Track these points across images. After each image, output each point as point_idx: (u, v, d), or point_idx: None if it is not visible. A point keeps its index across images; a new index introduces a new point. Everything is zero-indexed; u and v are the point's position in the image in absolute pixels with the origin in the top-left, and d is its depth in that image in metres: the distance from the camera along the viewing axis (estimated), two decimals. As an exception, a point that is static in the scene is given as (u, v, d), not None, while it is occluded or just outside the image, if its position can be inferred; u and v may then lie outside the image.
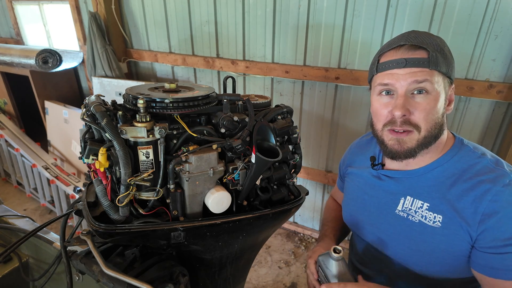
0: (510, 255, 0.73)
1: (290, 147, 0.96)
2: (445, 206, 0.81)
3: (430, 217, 0.83)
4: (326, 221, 1.19)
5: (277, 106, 0.97)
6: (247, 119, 0.85)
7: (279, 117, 0.94)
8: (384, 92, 0.83)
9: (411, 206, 0.87)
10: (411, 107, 0.79)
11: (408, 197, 0.88)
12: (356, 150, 1.13)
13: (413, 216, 0.86)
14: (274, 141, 0.87)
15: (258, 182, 0.88)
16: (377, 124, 0.87)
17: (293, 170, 0.98)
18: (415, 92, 0.79)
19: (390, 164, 0.94)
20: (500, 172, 0.78)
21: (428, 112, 0.79)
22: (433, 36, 0.82)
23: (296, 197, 0.97)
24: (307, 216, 2.97)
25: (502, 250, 0.74)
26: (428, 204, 0.84)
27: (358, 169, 1.05)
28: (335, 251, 0.81)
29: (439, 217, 0.81)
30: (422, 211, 0.85)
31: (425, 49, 0.78)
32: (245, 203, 0.91)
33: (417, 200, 0.86)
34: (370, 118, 0.92)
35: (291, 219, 3.07)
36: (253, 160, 0.79)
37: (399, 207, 0.90)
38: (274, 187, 0.95)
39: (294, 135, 0.94)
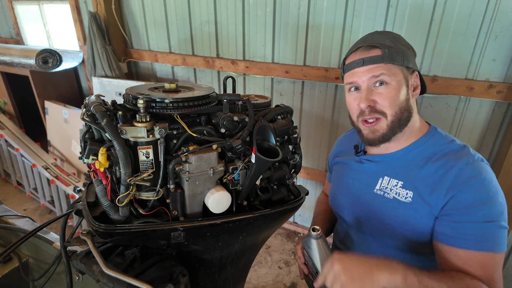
0: (464, 225, 0.82)
1: (290, 147, 0.96)
2: (417, 183, 0.91)
3: (402, 194, 0.92)
4: (316, 214, 1.28)
5: (277, 106, 0.97)
6: (247, 119, 0.85)
7: (279, 117, 0.94)
8: (352, 88, 0.95)
9: (387, 184, 0.97)
10: (375, 97, 0.90)
11: (386, 177, 0.98)
12: (342, 142, 1.24)
13: (388, 194, 0.96)
14: (274, 141, 0.87)
15: (258, 182, 0.88)
16: (353, 116, 0.99)
17: (293, 170, 0.99)
18: (377, 84, 0.90)
19: (371, 150, 1.04)
20: (465, 153, 0.89)
21: (391, 100, 0.89)
22: (388, 35, 0.93)
23: (296, 197, 0.97)
24: (307, 216, 2.97)
25: (457, 218, 0.83)
26: (402, 182, 0.94)
27: (344, 158, 1.15)
28: (313, 230, 0.86)
29: (411, 193, 0.91)
30: (397, 189, 0.94)
31: (378, 48, 0.89)
32: (245, 203, 0.91)
33: (393, 179, 0.96)
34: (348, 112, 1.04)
35: (291, 219, 3.07)
36: (253, 160, 0.80)
37: (377, 186, 0.99)
38: (274, 187, 0.95)
39: (294, 135, 0.94)
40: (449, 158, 0.88)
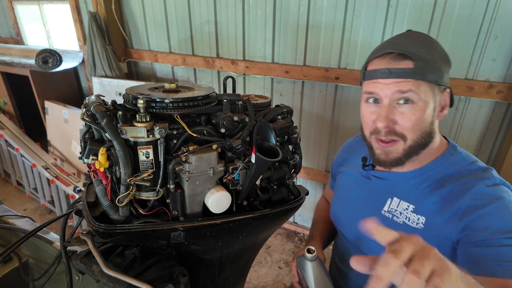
0: (498, 249, 0.69)
1: (290, 147, 0.96)
2: (429, 208, 0.81)
3: (413, 219, 0.83)
4: (315, 222, 1.20)
5: (277, 106, 0.97)
6: (247, 119, 0.85)
7: (279, 117, 0.94)
8: (371, 99, 0.84)
9: (397, 207, 0.87)
10: (396, 116, 0.79)
11: (395, 198, 0.88)
12: (349, 149, 1.13)
13: (397, 217, 0.86)
14: (274, 141, 0.87)
15: (258, 182, 0.87)
16: (365, 130, 0.88)
17: (293, 170, 0.98)
18: (401, 102, 0.78)
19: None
20: (486, 176, 0.78)
21: (414, 122, 0.78)
22: (425, 41, 0.80)
23: (296, 197, 0.97)
24: (307, 216, 2.97)
25: (483, 243, 0.70)
26: (414, 206, 0.84)
27: (349, 168, 1.06)
28: (308, 251, 0.81)
29: (422, 219, 0.81)
30: (407, 213, 0.84)
31: (410, 59, 0.76)
32: (245, 203, 0.91)
33: (403, 202, 0.86)
34: (360, 123, 0.93)
35: (291, 219, 3.07)
36: (253, 160, 0.79)
37: (385, 208, 0.89)
38: (274, 187, 0.95)
39: (294, 135, 0.94)
40: (467, 180, 0.78)
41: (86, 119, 0.76)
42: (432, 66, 0.77)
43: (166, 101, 0.78)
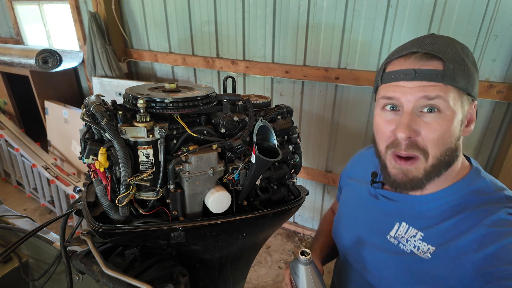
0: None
1: (290, 147, 0.96)
2: (441, 238, 0.71)
3: (422, 248, 0.73)
4: (318, 234, 1.12)
5: (277, 106, 0.97)
6: (247, 119, 0.85)
7: (279, 117, 0.94)
8: (388, 106, 0.72)
9: (405, 234, 0.77)
10: (419, 127, 0.67)
11: (404, 223, 0.78)
12: (359, 160, 1.03)
13: (404, 245, 0.76)
14: (274, 141, 0.87)
15: (258, 182, 0.87)
16: (380, 143, 0.76)
17: (293, 170, 0.98)
18: (425, 110, 0.67)
19: None
20: (510, 204, 0.67)
21: (440, 135, 0.67)
22: (455, 43, 0.69)
23: (296, 197, 0.97)
24: (307, 216, 2.97)
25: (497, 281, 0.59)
26: (423, 234, 0.74)
27: (357, 182, 0.96)
28: (303, 253, 0.74)
29: (432, 249, 0.71)
30: (415, 241, 0.74)
31: (440, 59, 0.65)
32: (245, 203, 0.91)
33: (412, 228, 0.76)
34: (372, 135, 0.82)
35: (291, 219, 3.07)
36: (253, 160, 0.79)
37: (392, 233, 0.80)
38: (274, 187, 0.94)
39: (294, 135, 0.94)
40: (487, 208, 0.67)
41: (86, 119, 0.76)
42: (465, 70, 0.66)
43: (166, 101, 0.78)
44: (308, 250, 0.74)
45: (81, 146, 0.80)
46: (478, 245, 0.64)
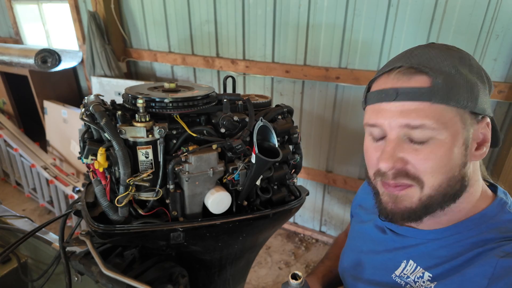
0: None
1: (291, 147, 0.96)
2: (451, 278, 0.60)
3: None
4: (325, 258, 1.03)
5: (277, 105, 0.97)
6: (247, 119, 0.85)
7: (280, 117, 0.93)
8: (375, 132, 0.62)
9: (411, 274, 0.66)
10: (407, 154, 0.57)
11: (411, 262, 0.67)
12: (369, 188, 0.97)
13: (412, 286, 0.66)
14: (275, 141, 0.86)
15: (258, 183, 0.87)
16: (369, 170, 0.66)
17: (293, 170, 0.98)
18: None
19: None
20: None
21: (435, 164, 0.56)
22: (452, 52, 0.58)
23: (297, 197, 0.96)
24: (308, 217, 2.96)
25: None
26: (431, 275, 0.63)
27: (366, 211, 0.88)
28: (294, 277, 0.66)
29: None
30: (422, 282, 0.63)
31: (426, 74, 0.55)
32: (245, 203, 0.90)
33: (420, 268, 0.65)
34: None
35: (291, 220, 3.06)
36: (253, 160, 0.79)
37: (397, 272, 0.69)
38: (275, 187, 0.94)
39: (295, 135, 0.94)
40: (501, 242, 0.56)
41: (85, 119, 0.76)
42: (459, 83, 0.55)
43: (166, 100, 0.78)
44: (300, 273, 0.67)
45: (80, 146, 0.79)
46: (488, 280, 0.53)
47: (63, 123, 3.36)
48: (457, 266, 0.60)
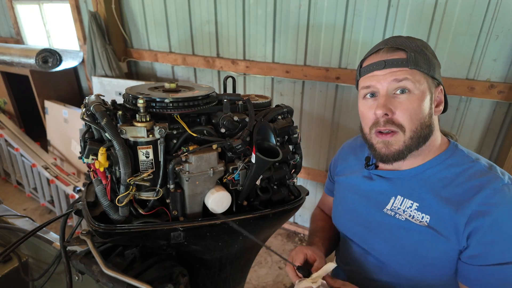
0: (493, 268, 0.71)
1: (291, 147, 0.96)
2: (435, 208, 0.81)
3: (417, 217, 0.82)
4: (314, 231, 1.14)
5: (277, 106, 0.97)
6: (247, 119, 0.85)
7: (280, 117, 0.94)
8: (368, 95, 0.85)
9: (400, 205, 0.87)
10: (394, 107, 0.80)
11: (399, 197, 0.88)
12: (349, 151, 1.11)
13: (400, 215, 0.85)
14: (274, 141, 0.87)
15: (258, 182, 0.87)
16: (365, 127, 0.88)
17: (293, 170, 0.98)
18: (398, 92, 0.80)
19: (383, 165, 0.93)
20: (492, 176, 0.78)
21: (412, 112, 0.79)
22: (415, 39, 0.84)
23: (296, 197, 0.97)
24: (307, 217, 2.96)
25: (481, 260, 0.72)
26: (418, 204, 0.84)
27: (350, 174, 1.04)
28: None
29: (427, 217, 0.81)
30: (411, 211, 0.84)
31: (403, 50, 0.80)
32: (245, 203, 0.91)
33: (407, 200, 0.86)
34: (359, 124, 0.92)
35: (291, 220, 3.07)
36: (253, 160, 0.79)
37: (388, 206, 0.89)
38: (274, 187, 0.94)
39: (295, 135, 0.94)
40: (473, 183, 0.78)
41: (86, 118, 0.76)
42: (424, 57, 0.80)
43: (166, 100, 0.78)
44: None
45: (81, 145, 0.80)
46: (467, 219, 0.74)
47: (64, 123, 3.37)
48: (440, 202, 0.79)
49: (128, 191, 0.74)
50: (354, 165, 1.04)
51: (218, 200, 0.81)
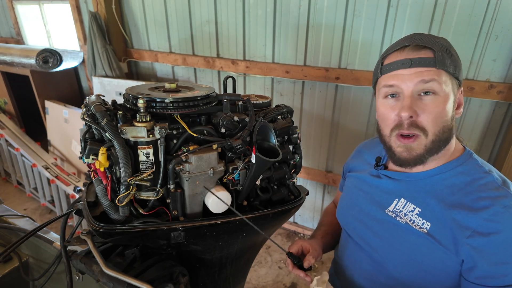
0: None
1: (290, 147, 0.96)
2: (437, 214, 0.78)
3: (418, 222, 0.80)
4: (320, 225, 1.17)
5: (277, 106, 0.97)
6: (247, 119, 0.85)
7: (279, 117, 0.94)
8: (390, 95, 0.81)
9: (402, 208, 0.84)
10: (419, 109, 0.76)
11: (402, 199, 0.86)
12: (363, 148, 1.10)
13: (401, 218, 0.83)
14: (274, 141, 0.87)
15: (258, 182, 0.87)
16: (385, 129, 0.83)
17: (293, 170, 0.98)
18: (422, 94, 0.76)
19: (393, 166, 0.91)
20: (503, 193, 0.73)
21: (437, 115, 0.75)
22: (438, 38, 0.80)
23: (296, 197, 0.97)
24: (307, 216, 2.97)
25: (503, 282, 0.68)
26: (420, 210, 0.81)
27: (360, 172, 1.02)
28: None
29: (428, 224, 0.78)
30: (412, 215, 0.81)
31: (430, 49, 0.75)
32: (245, 203, 0.91)
33: (410, 204, 0.83)
34: (376, 124, 0.89)
35: (291, 219, 3.07)
36: (253, 160, 0.79)
37: (390, 207, 0.87)
38: (274, 187, 0.94)
39: (294, 135, 0.94)
40: (482, 195, 0.74)
41: (86, 118, 0.76)
42: (451, 57, 0.76)
43: (166, 101, 0.78)
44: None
45: (81, 145, 0.80)
46: (470, 233, 0.72)
47: (64, 123, 3.37)
48: (444, 211, 0.77)
49: (128, 191, 0.74)
50: (367, 163, 1.02)
51: (218, 200, 0.82)
